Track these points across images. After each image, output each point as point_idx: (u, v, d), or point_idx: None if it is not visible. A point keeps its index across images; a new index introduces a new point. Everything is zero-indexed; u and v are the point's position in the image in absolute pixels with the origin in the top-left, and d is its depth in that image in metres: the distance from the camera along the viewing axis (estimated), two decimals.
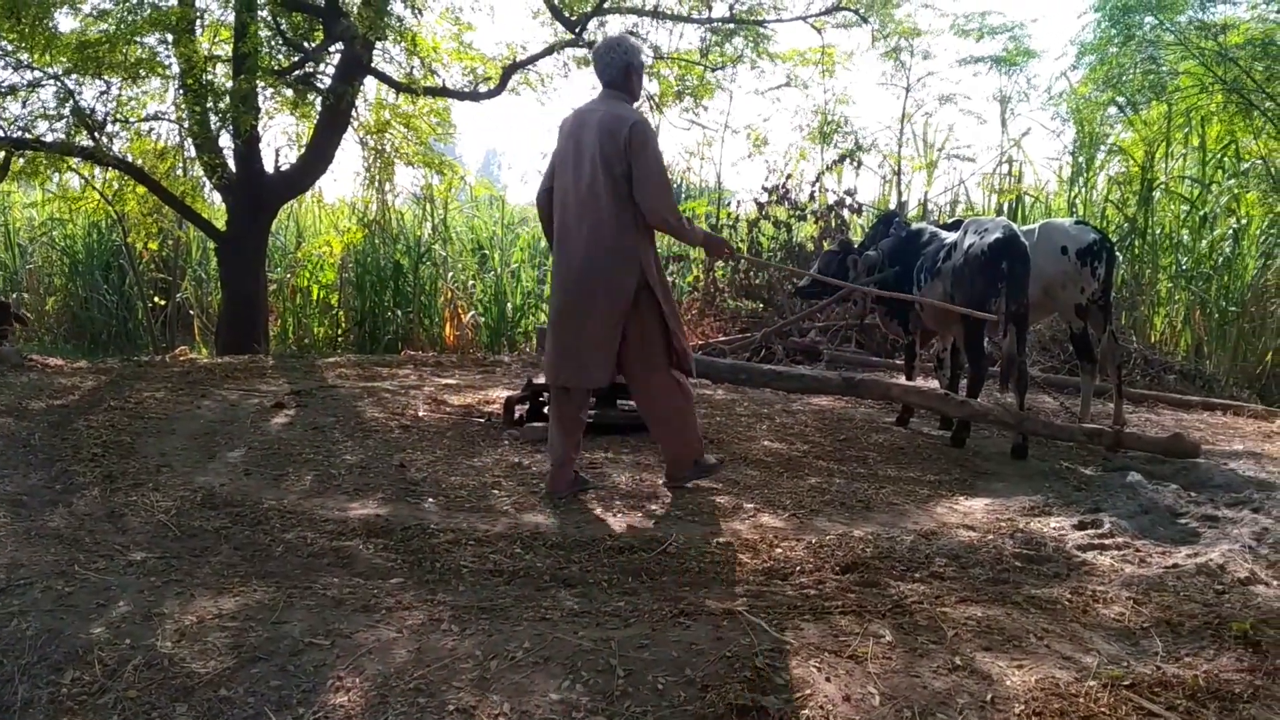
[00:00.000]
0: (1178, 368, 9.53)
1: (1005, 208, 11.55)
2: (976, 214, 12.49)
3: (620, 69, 4.76)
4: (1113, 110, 12.43)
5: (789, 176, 12.15)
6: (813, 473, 5.50)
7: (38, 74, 9.27)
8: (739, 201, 13.13)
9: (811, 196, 11.95)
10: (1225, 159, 10.88)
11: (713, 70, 11.88)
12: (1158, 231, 10.74)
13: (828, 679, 2.74)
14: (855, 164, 12.58)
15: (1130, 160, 11.47)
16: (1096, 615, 3.37)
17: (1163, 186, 11.03)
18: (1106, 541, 4.31)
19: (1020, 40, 12.56)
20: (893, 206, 12.49)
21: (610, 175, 4.54)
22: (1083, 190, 11.51)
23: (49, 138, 9.36)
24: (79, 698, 2.57)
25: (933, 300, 6.44)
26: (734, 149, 39.30)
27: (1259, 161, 10.68)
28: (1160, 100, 11.59)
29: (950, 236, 6.67)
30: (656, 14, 11.16)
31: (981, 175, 12.72)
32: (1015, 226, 6.33)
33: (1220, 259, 10.33)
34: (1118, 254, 7.50)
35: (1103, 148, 12.29)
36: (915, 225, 7.34)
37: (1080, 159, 11.74)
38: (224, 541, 3.95)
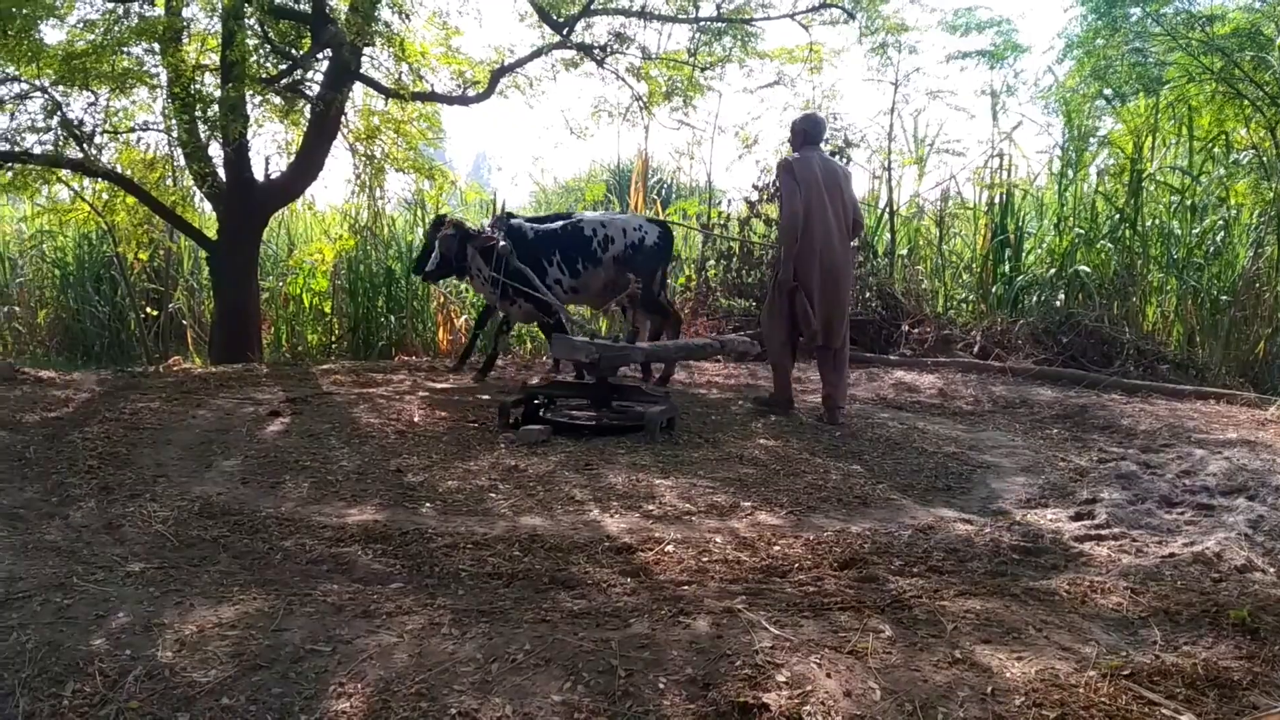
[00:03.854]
0: (1170, 357, 9.55)
1: (997, 201, 11.55)
2: (967, 208, 12.54)
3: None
4: (1101, 102, 12.45)
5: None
6: (809, 470, 5.51)
7: (25, 86, 9.24)
8: (730, 200, 13.13)
9: None
10: (1215, 148, 10.90)
11: (702, 70, 11.87)
12: (1148, 222, 10.75)
13: (828, 675, 2.74)
14: (845, 160, 12.58)
15: (1119, 152, 11.49)
16: (1095, 606, 3.39)
17: (1152, 177, 11.05)
18: (1103, 532, 4.33)
19: (1008, 35, 12.54)
20: (882, 202, 12.51)
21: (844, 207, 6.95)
22: (1073, 183, 11.52)
23: (37, 150, 9.33)
24: (80, 710, 2.57)
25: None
26: (724, 148, 39.24)
27: (1250, 150, 10.70)
28: (1148, 92, 11.61)
29: (589, 229, 8.30)
30: (644, 14, 11.15)
31: (972, 170, 12.67)
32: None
33: (1211, 248, 10.36)
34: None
35: (1092, 140, 12.30)
36: (513, 221, 8.44)
37: (1070, 152, 11.74)
38: (222, 550, 3.95)
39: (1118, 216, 10.79)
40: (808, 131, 7.10)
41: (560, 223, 8.54)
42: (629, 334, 8.66)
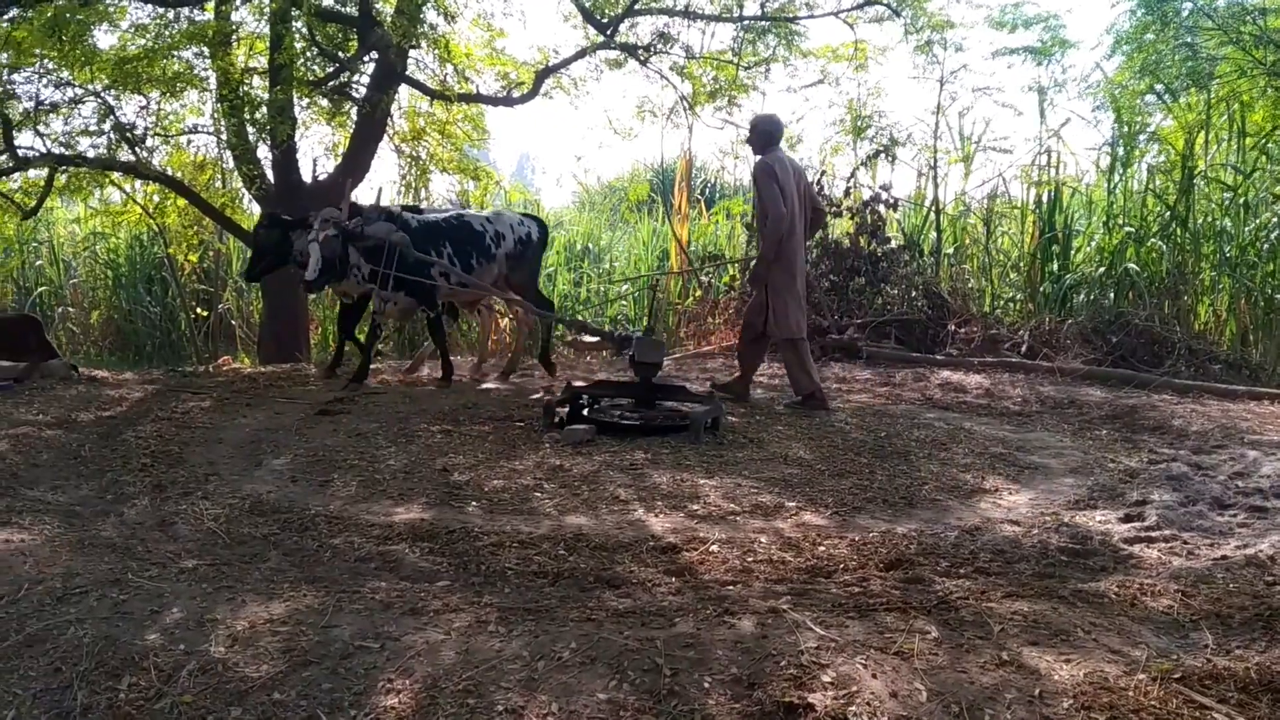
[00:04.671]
0: (1223, 357, 9.41)
1: (1045, 199, 11.43)
2: (1015, 206, 12.42)
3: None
4: (1151, 98, 12.29)
5: (823, 173, 12.09)
6: (854, 470, 5.49)
7: (78, 91, 9.43)
8: None
9: (846, 193, 11.90)
10: (1269, 144, 10.72)
11: (746, 69, 11.85)
12: (1200, 220, 10.60)
13: (874, 675, 2.73)
14: (890, 159, 12.51)
15: (1170, 148, 11.33)
16: (1144, 608, 3.34)
17: (1204, 174, 10.89)
18: (1153, 534, 4.27)
19: (1055, 30, 12.41)
20: (928, 200, 12.41)
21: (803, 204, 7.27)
22: (1122, 179, 11.38)
23: (91, 153, 9.51)
24: (136, 703, 2.61)
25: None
26: None
27: None
28: (1199, 87, 11.44)
29: (478, 224, 8.32)
30: (688, 14, 11.15)
31: (1019, 168, 12.55)
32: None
33: (1265, 246, 10.19)
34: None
35: (1142, 136, 12.14)
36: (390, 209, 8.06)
37: (1119, 148, 11.60)
38: (273, 548, 4.01)
39: (1168, 214, 10.64)
40: (772, 133, 7.31)
41: (444, 214, 8.42)
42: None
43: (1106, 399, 7.79)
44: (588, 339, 8.59)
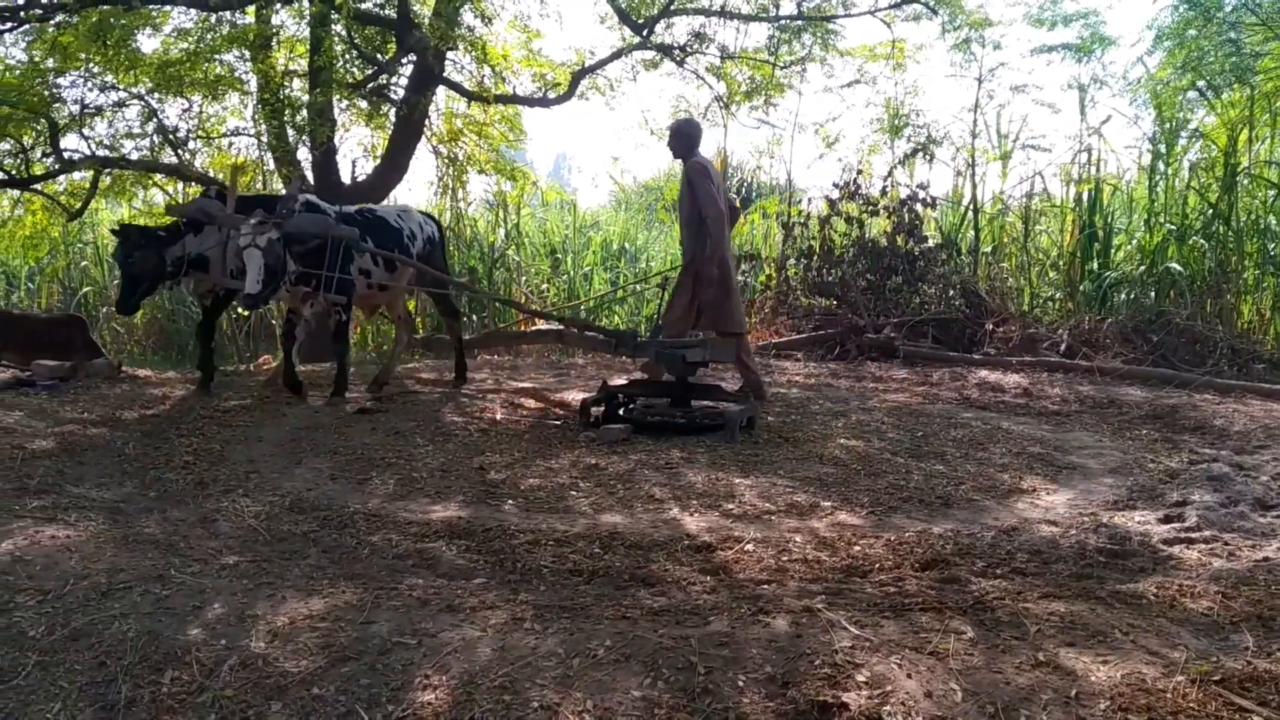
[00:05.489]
0: (1266, 356, 9.28)
1: (1084, 197, 11.32)
2: (1054, 204, 12.31)
3: None
4: (1193, 95, 12.13)
5: (860, 172, 12.05)
6: (890, 470, 5.47)
7: (122, 94, 9.57)
8: (810, 199, 13.08)
9: (884, 191, 11.85)
10: None
11: (782, 68, 11.83)
12: (1243, 218, 10.45)
13: (909, 675, 2.73)
14: (928, 157, 12.44)
15: (1213, 145, 11.18)
16: (1184, 610, 3.31)
17: (1247, 171, 10.74)
18: (1193, 535, 4.23)
19: (1095, 27, 12.29)
20: (966, 199, 12.33)
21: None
22: (1164, 177, 11.24)
23: (134, 156, 9.65)
24: (178, 697, 2.66)
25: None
26: (804, 147, 38.92)
27: None
28: (1242, 83, 11.29)
29: (392, 220, 7.75)
30: (724, 13, 11.14)
31: (1059, 165, 12.44)
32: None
33: None
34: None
35: (1184, 133, 11.99)
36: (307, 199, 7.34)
37: (1161, 146, 11.46)
38: (312, 545, 4.06)
39: (1211, 212, 10.51)
40: (692, 136, 7.45)
41: (356, 207, 7.78)
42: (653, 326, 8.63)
43: (1147, 399, 7.71)
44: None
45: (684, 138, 7.40)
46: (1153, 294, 10.40)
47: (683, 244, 7.60)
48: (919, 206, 11.45)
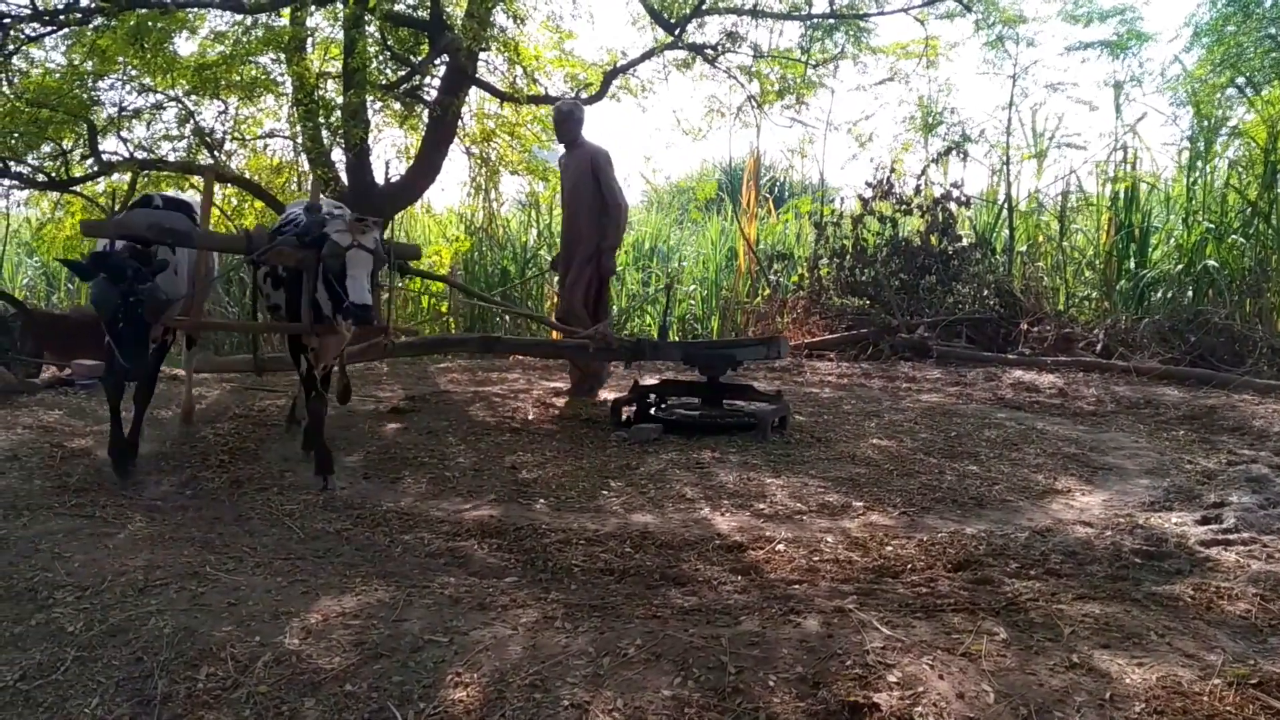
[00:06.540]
0: None
1: (1121, 195, 11.19)
2: (1090, 203, 12.18)
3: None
4: (1232, 91, 11.96)
5: (893, 170, 11.98)
6: (923, 470, 5.44)
7: (159, 97, 9.65)
8: (843, 198, 13.02)
9: (917, 190, 11.78)
10: None
11: (814, 66, 11.77)
12: None
13: (940, 676, 2.71)
14: (961, 156, 12.35)
15: (1252, 143, 11.03)
16: (1221, 612, 3.28)
17: None
18: (1231, 537, 4.18)
19: (1132, 23, 12.14)
20: (1000, 197, 12.23)
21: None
22: (1202, 175, 11.10)
23: (172, 157, 9.73)
24: (214, 692, 2.69)
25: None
26: (837, 146, 38.79)
27: None
28: None
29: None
30: (756, 13, 11.09)
31: (1094, 164, 12.30)
32: None
33: None
34: None
35: (1223, 131, 11.83)
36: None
37: (1199, 143, 11.31)
38: (345, 543, 4.09)
39: (1250, 210, 10.37)
40: (582, 120, 7.66)
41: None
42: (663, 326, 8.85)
43: (1184, 399, 7.62)
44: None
45: (576, 122, 7.53)
46: (1190, 293, 10.27)
47: (573, 232, 7.64)
48: (953, 205, 11.37)
